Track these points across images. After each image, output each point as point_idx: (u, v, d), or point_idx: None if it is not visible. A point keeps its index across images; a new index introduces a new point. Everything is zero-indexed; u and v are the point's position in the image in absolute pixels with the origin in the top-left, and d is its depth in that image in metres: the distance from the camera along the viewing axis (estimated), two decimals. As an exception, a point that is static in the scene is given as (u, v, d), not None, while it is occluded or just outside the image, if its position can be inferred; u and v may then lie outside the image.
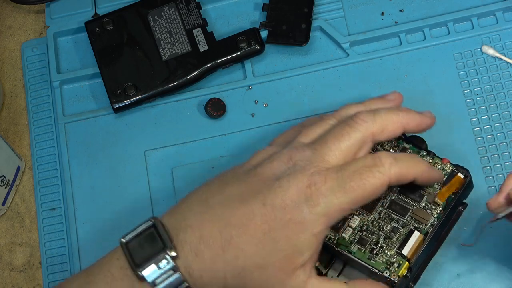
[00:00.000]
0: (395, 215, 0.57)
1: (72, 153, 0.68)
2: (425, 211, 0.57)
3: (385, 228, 0.57)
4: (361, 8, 0.69)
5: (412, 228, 0.56)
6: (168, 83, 0.67)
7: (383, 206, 0.58)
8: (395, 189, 0.58)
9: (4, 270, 0.66)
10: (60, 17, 0.72)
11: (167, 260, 0.51)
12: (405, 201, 0.57)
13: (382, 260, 0.56)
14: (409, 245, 0.56)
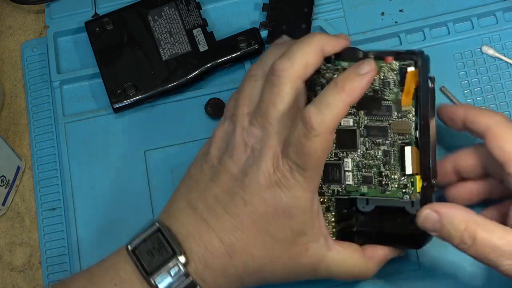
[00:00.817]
0: (378, 139, 0.55)
1: (72, 153, 0.68)
2: (401, 120, 0.55)
3: (378, 155, 0.55)
4: (361, 8, 0.69)
5: (401, 143, 0.55)
6: (168, 83, 0.67)
7: (362, 135, 0.56)
8: (362, 113, 0.56)
9: (4, 270, 0.66)
10: (60, 17, 0.72)
11: (179, 267, 0.52)
12: (378, 120, 0.55)
13: (394, 186, 0.55)
14: (408, 162, 0.54)
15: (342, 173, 0.56)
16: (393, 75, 0.55)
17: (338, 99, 0.51)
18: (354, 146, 0.56)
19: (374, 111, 0.55)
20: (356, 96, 0.52)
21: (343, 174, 0.56)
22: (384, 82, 0.55)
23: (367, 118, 0.56)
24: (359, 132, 0.56)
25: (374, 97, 0.55)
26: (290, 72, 0.53)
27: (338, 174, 0.56)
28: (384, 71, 0.55)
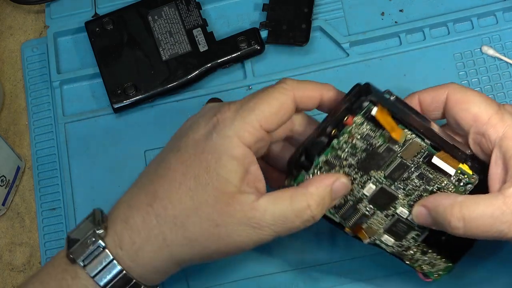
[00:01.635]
0: (404, 174, 0.54)
1: (72, 153, 0.68)
2: (407, 145, 0.53)
3: (417, 184, 0.54)
4: (361, 8, 0.69)
5: (424, 160, 0.53)
6: (168, 83, 0.67)
7: (391, 185, 0.54)
8: (374, 172, 0.53)
9: (4, 270, 0.66)
10: (60, 17, 0.72)
11: (95, 238, 0.51)
12: (390, 165, 0.54)
13: (452, 189, 0.54)
14: (444, 166, 0.53)
15: (406, 222, 0.55)
16: (365, 127, 0.53)
17: (315, 85, 0.53)
18: (393, 198, 0.54)
19: (380, 162, 0.53)
20: (318, 97, 0.54)
21: (408, 222, 0.55)
22: (365, 138, 0.53)
23: (380, 172, 0.54)
24: (387, 185, 0.54)
25: (369, 154, 0.53)
26: (290, 86, 0.52)
27: (404, 224, 0.55)
28: (356, 131, 0.52)
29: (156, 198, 0.51)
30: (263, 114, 0.51)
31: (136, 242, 0.51)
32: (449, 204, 0.51)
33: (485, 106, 0.52)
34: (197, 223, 0.50)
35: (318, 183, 0.51)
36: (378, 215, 0.55)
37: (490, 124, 0.51)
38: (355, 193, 0.54)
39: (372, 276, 0.61)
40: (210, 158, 0.50)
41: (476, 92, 0.53)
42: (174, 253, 0.51)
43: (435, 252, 0.56)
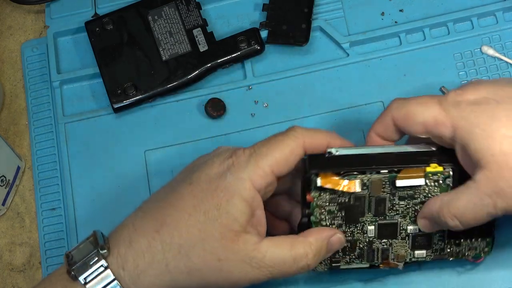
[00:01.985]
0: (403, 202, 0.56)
1: (72, 153, 0.68)
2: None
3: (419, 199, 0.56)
4: (361, 8, 0.69)
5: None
6: (168, 83, 0.67)
7: (390, 209, 0.56)
8: (369, 215, 0.56)
9: (4, 270, 0.66)
10: (60, 17, 0.72)
11: (98, 257, 0.53)
12: (380, 202, 0.56)
13: None
14: None
15: (422, 233, 0.56)
16: (324, 196, 0.55)
17: (322, 133, 0.56)
18: (395, 225, 0.56)
19: (361, 209, 0.56)
20: (326, 144, 0.56)
21: (424, 232, 0.56)
22: (332, 202, 0.55)
23: (367, 215, 0.56)
24: (382, 220, 0.56)
25: (347, 209, 0.55)
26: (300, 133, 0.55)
27: (422, 236, 0.57)
28: (321, 203, 0.55)
29: (164, 225, 0.53)
30: (275, 159, 0.53)
31: (139, 265, 0.53)
32: (438, 207, 0.53)
33: (427, 110, 0.53)
34: (201, 255, 0.52)
35: (317, 235, 0.54)
36: (396, 243, 0.57)
37: (439, 125, 0.52)
38: (363, 240, 0.57)
39: (372, 276, 0.61)
40: (222, 196, 0.53)
41: (413, 100, 0.54)
42: (173, 280, 0.53)
43: (467, 237, 0.57)
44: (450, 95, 0.53)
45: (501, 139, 0.49)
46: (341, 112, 0.66)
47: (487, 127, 0.50)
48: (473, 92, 0.52)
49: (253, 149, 0.54)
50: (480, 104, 0.51)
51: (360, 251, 0.57)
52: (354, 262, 0.57)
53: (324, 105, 0.66)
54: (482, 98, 0.51)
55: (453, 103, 0.52)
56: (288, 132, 0.55)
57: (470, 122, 0.51)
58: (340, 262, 0.57)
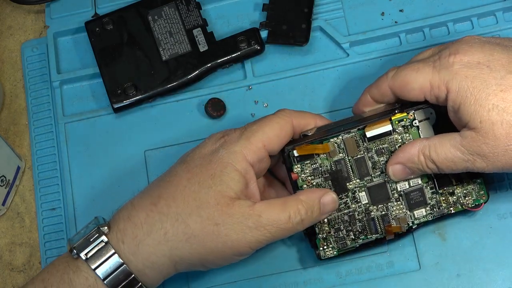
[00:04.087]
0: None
1: (72, 153, 0.68)
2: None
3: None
4: (361, 8, 0.69)
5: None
6: (168, 83, 0.67)
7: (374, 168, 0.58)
8: (357, 181, 0.58)
9: (4, 270, 0.66)
10: (60, 17, 0.72)
11: (98, 233, 0.54)
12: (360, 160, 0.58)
13: None
14: None
15: (413, 188, 0.58)
16: (306, 167, 0.58)
17: (309, 114, 0.60)
18: (384, 185, 0.58)
19: (345, 175, 0.58)
20: (313, 124, 0.60)
21: (415, 186, 0.58)
22: (315, 173, 0.58)
23: (354, 180, 0.58)
24: (369, 182, 0.58)
25: (332, 177, 0.58)
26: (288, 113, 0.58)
27: (415, 192, 0.58)
28: (306, 175, 0.58)
29: (161, 199, 0.55)
30: (266, 135, 0.56)
31: (138, 236, 0.54)
32: (417, 150, 0.56)
33: (421, 76, 0.55)
34: (198, 221, 0.54)
35: (308, 193, 0.57)
36: (392, 206, 0.58)
37: (433, 88, 0.55)
38: (359, 210, 0.58)
39: (372, 276, 0.61)
40: (215, 167, 0.55)
41: (408, 67, 0.57)
42: (172, 249, 0.54)
43: (459, 183, 0.58)
44: (443, 56, 0.55)
45: (490, 108, 0.52)
46: (341, 112, 0.66)
47: (478, 94, 0.53)
48: (466, 54, 0.54)
49: (243, 128, 0.57)
50: (472, 69, 0.54)
51: (361, 223, 0.58)
52: (359, 238, 0.58)
53: (324, 105, 0.66)
54: (475, 62, 0.54)
55: (446, 65, 0.54)
56: (278, 112, 0.58)
57: (462, 87, 0.53)
58: (346, 241, 0.58)
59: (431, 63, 0.55)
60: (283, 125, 0.57)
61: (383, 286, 0.61)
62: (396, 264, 0.61)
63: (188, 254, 0.54)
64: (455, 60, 0.54)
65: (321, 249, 0.58)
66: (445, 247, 0.61)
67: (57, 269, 0.55)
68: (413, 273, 0.61)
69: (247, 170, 0.55)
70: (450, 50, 0.55)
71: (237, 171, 0.55)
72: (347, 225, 0.58)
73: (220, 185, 0.54)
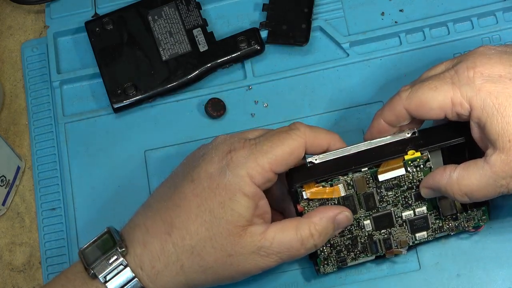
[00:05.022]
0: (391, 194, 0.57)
1: (72, 153, 0.68)
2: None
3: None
4: (361, 8, 0.69)
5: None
6: (168, 83, 0.67)
7: (384, 201, 0.57)
8: (362, 212, 0.57)
9: (4, 270, 0.66)
10: (60, 17, 0.72)
11: (117, 256, 0.53)
12: (369, 196, 0.57)
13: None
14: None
15: (418, 216, 0.57)
16: (314, 203, 0.56)
17: (325, 133, 0.57)
18: (389, 214, 0.57)
19: (352, 208, 0.56)
20: (326, 145, 0.57)
21: (420, 214, 0.57)
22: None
23: (360, 211, 0.57)
24: (375, 213, 0.57)
25: (345, 205, 0.56)
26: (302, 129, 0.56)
27: (419, 219, 0.57)
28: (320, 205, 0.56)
29: (174, 228, 0.54)
30: (275, 158, 0.54)
31: (155, 267, 0.54)
32: (446, 183, 0.53)
33: (441, 93, 0.53)
34: (212, 253, 0.54)
35: (322, 214, 0.55)
36: (395, 231, 0.57)
37: (455, 106, 0.52)
38: (363, 235, 0.57)
39: (372, 276, 0.61)
40: (224, 194, 0.53)
41: (424, 86, 0.54)
42: (189, 279, 0.54)
43: (463, 210, 0.57)
44: (461, 70, 0.52)
45: None
46: (341, 112, 0.66)
47: (505, 111, 0.50)
48: (485, 67, 0.52)
49: (254, 144, 0.54)
50: (495, 83, 0.51)
51: (363, 245, 0.58)
52: (360, 257, 0.58)
53: (324, 105, 0.66)
54: (496, 75, 0.51)
55: (465, 80, 0.52)
56: (292, 131, 0.55)
57: (486, 104, 0.51)
58: (346, 260, 0.58)
59: (449, 79, 0.52)
60: (295, 148, 0.54)
61: (383, 286, 0.60)
62: (396, 264, 0.61)
63: (203, 281, 0.55)
64: (475, 75, 0.51)
65: (321, 267, 0.58)
66: (445, 247, 0.61)
67: (73, 285, 0.54)
68: (413, 273, 0.60)
69: (256, 192, 0.54)
70: (467, 64, 0.52)
71: (246, 196, 0.53)
72: (349, 247, 0.58)
73: (231, 215, 0.53)
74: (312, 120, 0.66)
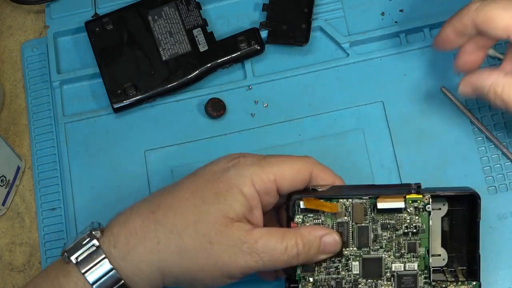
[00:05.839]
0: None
1: (72, 153, 0.68)
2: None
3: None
4: (361, 8, 0.69)
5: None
6: (168, 83, 0.67)
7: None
8: (354, 249, 0.56)
9: (4, 270, 0.66)
10: (60, 17, 0.72)
11: (90, 238, 0.53)
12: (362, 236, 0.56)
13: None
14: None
15: (408, 272, 0.56)
16: (308, 221, 0.55)
17: (326, 169, 0.57)
18: (380, 260, 0.56)
19: (344, 239, 0.56)
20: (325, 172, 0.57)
21: (410, 271, 0.56)
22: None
23: (351, 247, 0.56)
24: (366, 253, 0.56)
25: (338, 232, 0.56)
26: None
27: (407, 277, 0.56)
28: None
29: (160, 207, 0.54)
30: (281, 170, 0.54)
31: (130, 242, 0.53)
32: (490, 84, 0.54)
33: (509, 14, 0.53)
34: (193, 236, 0.52)
35: (311, 230, 0.54)
36: (382, 284, 0.56)
37: None
38: (348, 280, 0.56)
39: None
40: (221, 186, 0.53)
41: (494, 1, 0.54)
42: (162, 260, 0.53)
43: (454, 281, 0.56)
44: None
45: None
46: (341, 112, 0.66)
47: None
48: None
49: (263, 156, 0.55)
50: None
51: None
52: None
53: (324, 105, 0.66)
54: None
55: None
56: (302, 157, 0.56)
57: None
58: None
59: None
60: (301, 169, 0.55)
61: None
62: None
63: (177, 268, 0.53)
64: None
65: None
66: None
67: (49, 275, 0.54)
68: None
69: (253, 196, 0.54)
70: None
71: (243, 194, 0.53)
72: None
73: (223, 204, 0.53)
74: (312, 120, 0.66)
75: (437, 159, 0.63)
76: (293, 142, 0.65)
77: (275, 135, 0.65)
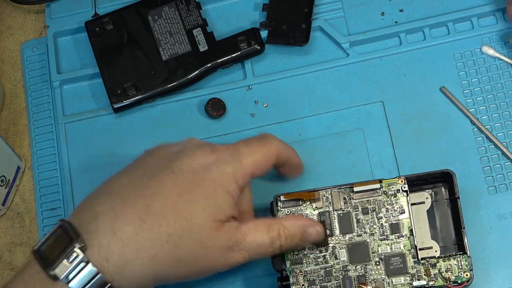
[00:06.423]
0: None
1: (72, 153, 0.68)
2: None
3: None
4: (361, 8, 0.69)
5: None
6: (168, 83, 0.67)
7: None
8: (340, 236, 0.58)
9: (4, 270, 0.66)
10: (60, 17, 0.72)
11: (77, 253, 0.50)
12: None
13: None
14: None
15: (395, 253, 0.57)
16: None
17: (290, 148, 0.60)
18: (366, 245, 0.58)
19: (327, 227, 0.58)
20: (289, 156, 0.60)
21: (397, 252, 0.57)
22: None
23: (335, 236, 0.58)
24: (351, 240, 0.58)
25: (321, 221, 0.58)
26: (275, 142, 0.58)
27: (395, 257, 0.57)
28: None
29: (149, 213, 0.52)
30: (256, 161, 0.56)
31: (125, 255, 0.51)
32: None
33: None
34: (189, 244, 0.52)
35: (294, 221, 0.56)
36: (371, 269, 0.57)
37: None
38: (338, 268, 0.57)
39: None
40: (208, 187, 0.54)
41: None
42: (158, 271, 0.52)
43: (442, 256, 0.57)
44: None
45: None
46: (341, 112, 0.66)
47: None
48: None
49: (234, 147, 0.56)
50: None
51: (336, 280, 0.57)
52: None
53: (324, 105, 0.66)
54: None
55: None
56: (267, 139, 0.58)
57: None
58: None
59: None
60: (272, 154, 0.57)
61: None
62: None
63: (173, 275, 0.53)
64: None
65: None
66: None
67: None
68: (413, 273, 0.60)
69: (236, 192, 0.55)
70: None
71: (229, 194, 0.54)
72: (322, 279, 0.57)
73: (214, 207, 0.53)
74: (312, 120, 0.66)
75: (437, 159, 0.63)
76: (293, 142, 0.65)
77: (275, 135, 0.65)
